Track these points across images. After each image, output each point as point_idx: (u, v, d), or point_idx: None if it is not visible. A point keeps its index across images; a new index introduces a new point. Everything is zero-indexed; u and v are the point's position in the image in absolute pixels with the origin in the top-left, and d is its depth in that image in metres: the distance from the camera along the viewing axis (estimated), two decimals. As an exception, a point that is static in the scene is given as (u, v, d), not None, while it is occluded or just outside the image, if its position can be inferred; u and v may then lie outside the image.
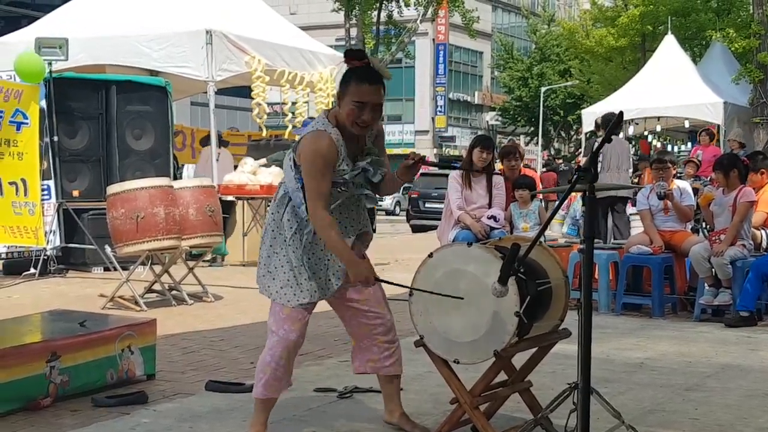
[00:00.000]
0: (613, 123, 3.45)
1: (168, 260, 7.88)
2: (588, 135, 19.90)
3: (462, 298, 3.52)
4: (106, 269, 9.59)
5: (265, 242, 3.69)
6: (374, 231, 12.55)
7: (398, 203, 35.41)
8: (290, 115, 12.54)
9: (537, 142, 47.51)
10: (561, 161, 20.18)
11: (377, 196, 3.76)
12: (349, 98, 3.46)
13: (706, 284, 7.22)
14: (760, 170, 7.77)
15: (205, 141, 12.68)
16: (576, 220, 11.55)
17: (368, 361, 3.87)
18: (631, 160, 12.31)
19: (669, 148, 23.47)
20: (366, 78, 3.45)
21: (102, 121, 10.44)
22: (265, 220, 3.79)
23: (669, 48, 19.84)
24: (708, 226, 8.02)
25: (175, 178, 10.10)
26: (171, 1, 11.75)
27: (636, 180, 16.08)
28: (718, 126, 17.14)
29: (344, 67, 3.60)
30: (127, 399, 4.43)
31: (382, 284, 3.74)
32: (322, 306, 3.87)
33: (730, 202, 7.22)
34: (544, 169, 19.37)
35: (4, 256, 9.95)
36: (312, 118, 13.27)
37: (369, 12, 29.42)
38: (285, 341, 3.64)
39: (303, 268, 3.60)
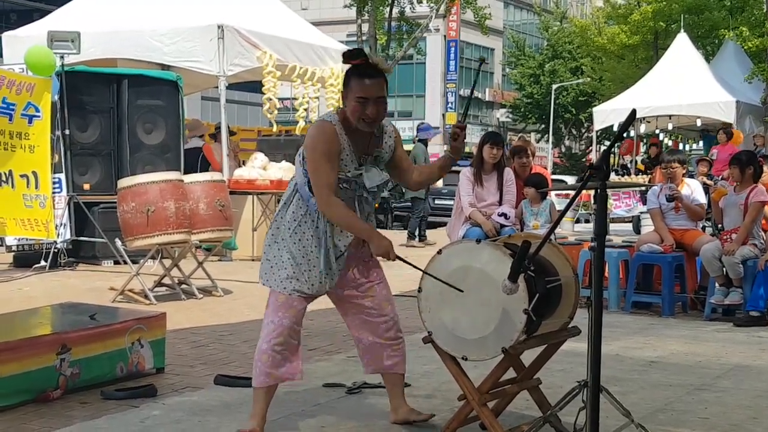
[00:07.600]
0: (625, 121, 3.43)
1: (178, 254, 7.90)
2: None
3: (461, 290, 3.52)
4: (116, 262, 9.61)
5: (269, 235, 3.76)
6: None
7: None
8: (300, 110, 12.53)
9: (548, 140, 47.37)
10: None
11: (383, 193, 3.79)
12: (352, 96, 3.54)
13: (716, 283, 7.19)
14: None
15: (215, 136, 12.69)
16: None
17: (372, 361, 3.90)
18: None
19: (680, 146, 23.40)
20: (365, 74, 3.53)
21: (113, 115, 10.45)
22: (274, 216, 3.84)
23: (681, 46, 19.73)
24: (719, 225, 7.98)
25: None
26: (183, -5, 11.78)
27: (648, 179, 16.05)
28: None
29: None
30: (137, 392, 4.45)
31: (387, 285, 3.87)
32: (330, 303, 3.87)
33: (741, 201, 7.19)
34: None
35: (14, 248, 9.98)
36: (425, 124, 13.33)
37: (381, 8, 29.39)
38: (280, 327, 3.68)
39: (302, 259, 3.63)
